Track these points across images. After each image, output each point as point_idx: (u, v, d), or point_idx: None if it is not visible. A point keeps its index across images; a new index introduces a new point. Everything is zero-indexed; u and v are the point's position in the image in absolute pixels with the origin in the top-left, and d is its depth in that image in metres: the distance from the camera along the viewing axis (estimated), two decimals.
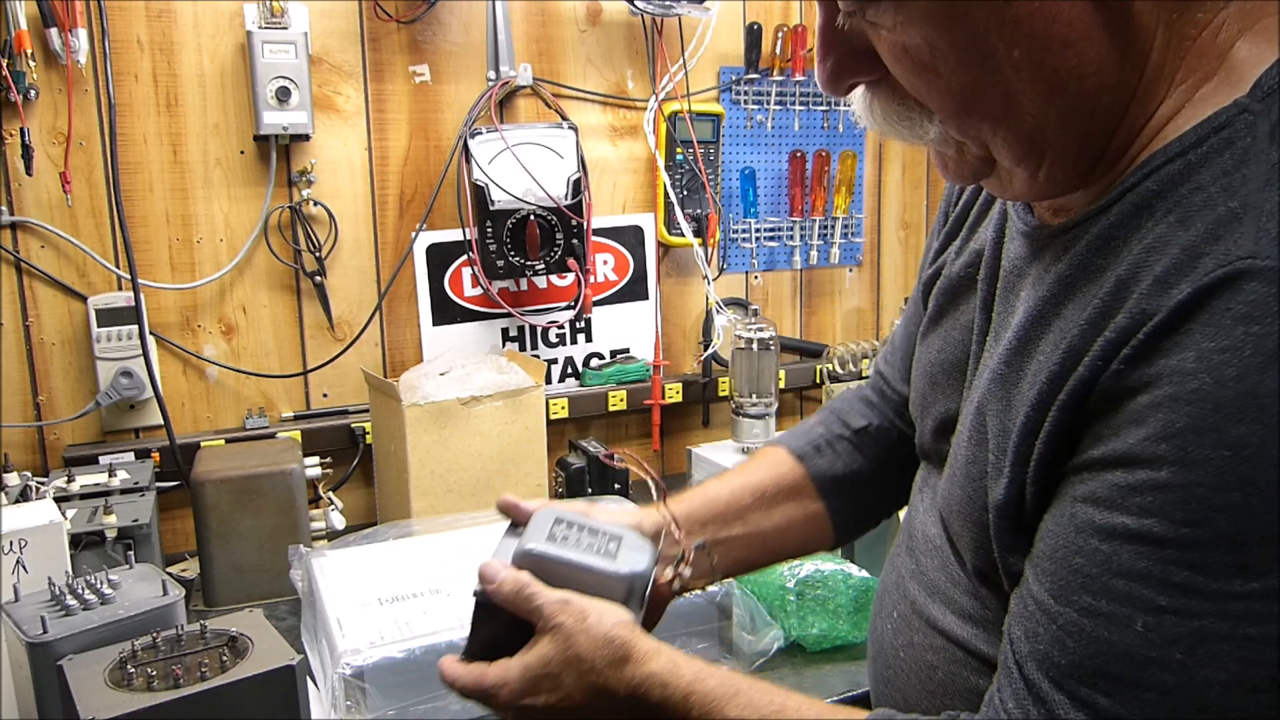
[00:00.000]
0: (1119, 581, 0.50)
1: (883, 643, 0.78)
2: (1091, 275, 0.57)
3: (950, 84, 0.56)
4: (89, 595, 0.98)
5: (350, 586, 1.20)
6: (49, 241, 1.52)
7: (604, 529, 0.77)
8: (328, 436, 1.68)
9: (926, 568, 0.73)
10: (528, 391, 1.55)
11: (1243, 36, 0.54)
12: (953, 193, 0.84)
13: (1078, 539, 0.52)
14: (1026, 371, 0.60)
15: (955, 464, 0.67)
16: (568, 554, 0.74)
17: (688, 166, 1.87)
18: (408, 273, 1.74)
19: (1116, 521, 0.50)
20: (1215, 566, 0.47)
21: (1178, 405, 0.47)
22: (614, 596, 0.72)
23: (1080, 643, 0.51)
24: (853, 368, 1.94)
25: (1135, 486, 0.49)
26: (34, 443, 1.56)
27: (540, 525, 0.77)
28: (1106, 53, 0.54)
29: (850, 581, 1.25)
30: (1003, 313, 0.67)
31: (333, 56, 1.64)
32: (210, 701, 0.85)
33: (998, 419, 0.61)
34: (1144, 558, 0.49)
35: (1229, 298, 0.47)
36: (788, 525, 0.90)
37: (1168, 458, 0.48)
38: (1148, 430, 0.49)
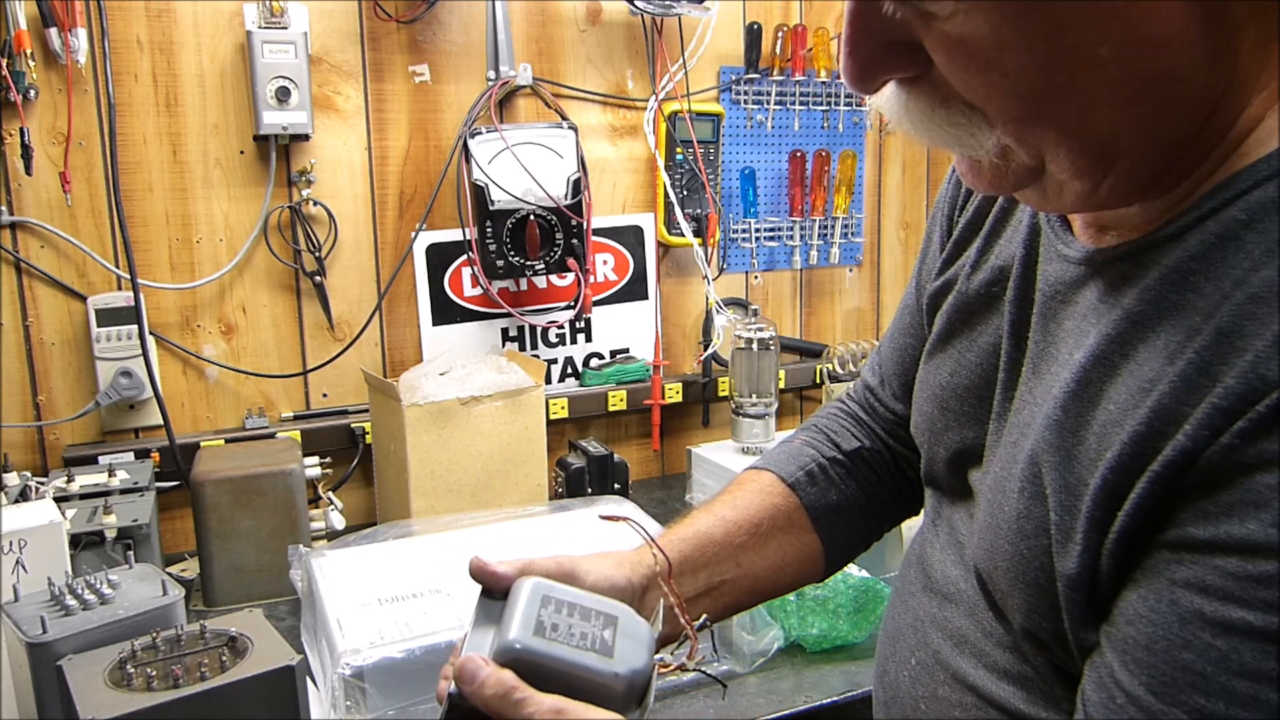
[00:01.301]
0: (1241, 683, 0.44)
1: (898, 690, 0.72)
2: (1170, 315, 0.50)
3: (1017, 85, 0.49)
4: (89, 595, 0.98)
5: (350, 586, 1.20)
6: (49, 241, 1.52)
7: (596, 607, 0.68)
8: (328, 436, 1.68)
9: (950, 615, 0.68)
10: (528, 391, 1.55)
11: None
12: (956, 197, 0.79)
13: (1185, 632, 0.46)
14: (1094, 421, 0.53)
15: (999, 514, 0.60)
16: (558, 652, 0.64)
17: (688, 166, 1.87)
18: (407, 273, 1.74)
19: (1235, 615, 0.45)
20: None
21: None
22: (612, 700, 0.64)
23: None
24: (853, 368, 1.94)
25: (1259, 578, 0.44)
26: (34, 443, 1.56)
27: (524, 607, 0.66)
28: (1199, 53, 0.48)
29: (850, 581, 1.24)
30: (1042, 342, 0.62)
31: (333, 56, 1.64)
32: (210, 702, 0.85)
33: (1058, 473, 0.55)
34: (1271, 657, 0.43)
35: None
36: (781, 563, 0.85)
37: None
38: (1273, 515, 0.43)
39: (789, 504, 0.86)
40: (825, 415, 0.94)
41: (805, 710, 1.14)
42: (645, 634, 0.68)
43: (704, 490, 1.62)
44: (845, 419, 0.92)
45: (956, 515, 0.72)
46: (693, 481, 1.66)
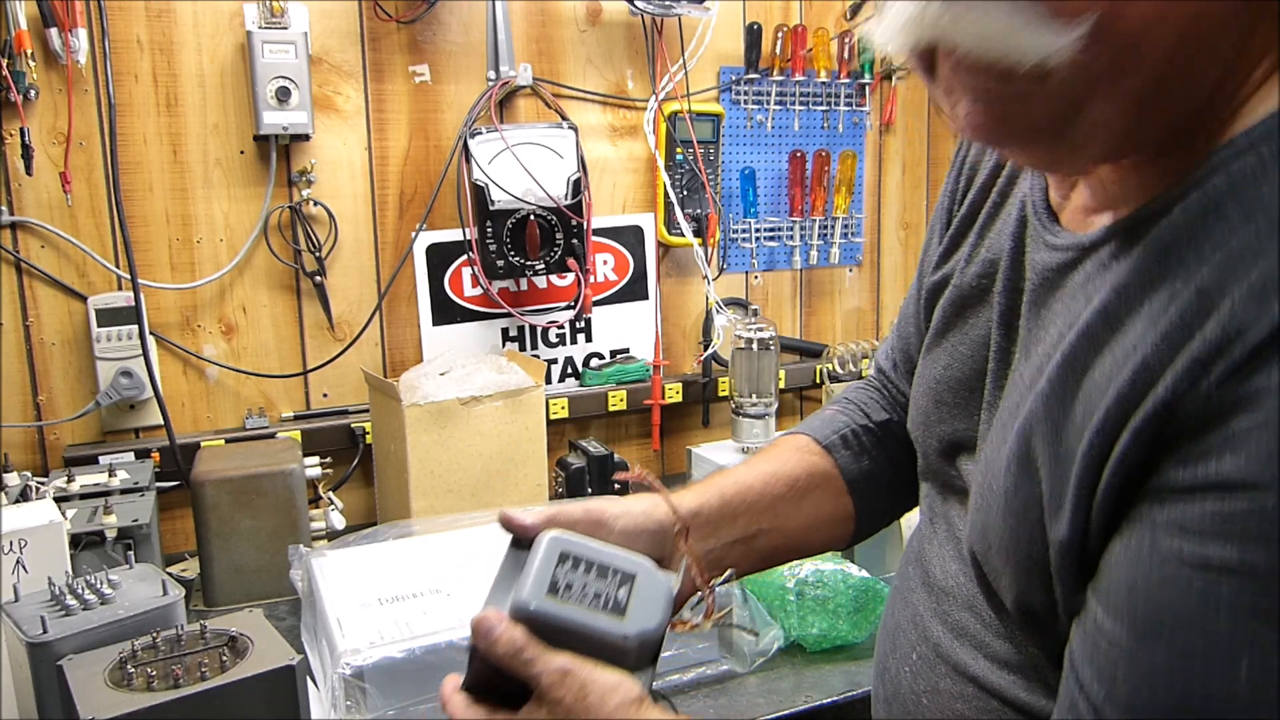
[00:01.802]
0: (1220, 619, 0.45)
1: (899, 686, 0.73)
2: (1156, 285, 0.51)
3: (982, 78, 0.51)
4: (89, 595, 0.98)
5: (350, 586, 1.20)
6: (49, 241, 1.52)
7: (615, 564, 0.68)
8: (328, 436, 1.68)
9: (949, 609, 0.69)
10: (528, 391, 1.55)
11: None
12: (955, 191, 0.80)
13: (1164, 570, 0.47)
14: (1080, 394, 0.54)
15: (989, 495, 0.61)
16: (569, 613, 0.65)
17: (688, 166, 1.87)
18: (408, 273, 1.74)
19: (1213, 554, 0.46)
20: None
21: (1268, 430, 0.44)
22: (623, 660, 0.65)
23: (1172, 687, 0.47)
24: (853, 368, 1.94)
25: (1234, 515, 0.45)
26: (34, 443, 1.56)
27: (542, 565, 0.67)
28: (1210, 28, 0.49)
29: (850, 581, 1.25)
30: (1033, 329, 0.63)
31: (333, 56, 1.64)
32: (210, 701, 0.85)
33: (1049, 446, 0.56)
34: (1247, 592, 0.44)
35: None
36: (816, 520, 0.85)
37: (1274, 483, 0.44)
38: (1250, 454, 0.44)
39: (825, 464, 0.87)
40: (854, 390, 0.95)
41: (805, 710, 1.14)
42: (662, 593, 0.68)
43: None
44: (873, 392, 0.94)
45: (952, 510, 0.72)
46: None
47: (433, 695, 1.06)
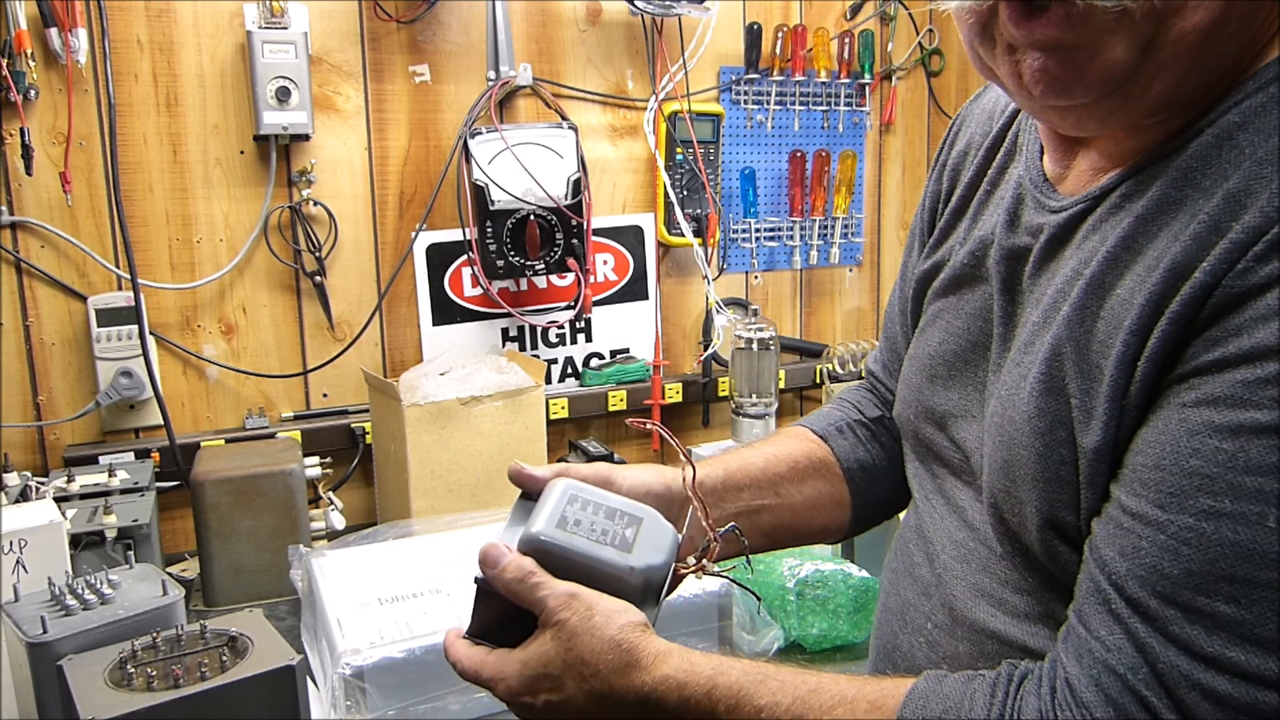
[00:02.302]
0: (1248, 478, 0.46)
1: (913, 661, 0.73)
2: (1178, 207, 0.54)
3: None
4: (89, 595, 0.98)
5: (350, 586, 1.20)
6: (49, 241, 1.52)
7: (623, 508, 0.70)
8: (328, 436, 1.68)
9: (961, 574, 0.70)
10: (528, 391, 1.55)
11: None
12: (939, 192, 0.82)
13: (1192, 442, 0.49)
14: (1104, 310, 0.56)
15: (1010, 428, 0.62)
16: (577, 544, 0.67)
17: (688, 166, 1.87)
18: (408, 273, 1.74)
19: (1243, 417, 0.47)
20: None
21: None
22: (627, 593, 0.66)
23: (1199, 549, 0.48)
24: (853, 368, 1.95)
25: (1264, 379, 0.47)
26: (34, 443, 1.56)
27: (552, 504, 0.69)
28: None
29: (850, 581, 1.25)
30: (1040, 283, 0.65)
31: (333, 56, 1.64)
32: (210, 701, 0.85)
33: (1076, 363, 0.57)
34: (1276, 450, 0.46)
35: None
36: (816, 502, 0.87)
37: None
38: (1278, 323, 0.47)
39: (822, 451, 0.89)
40: (848, 391, 0.98)
41: None
42: (668, 537, 0.70)
43: None
44: (866, 393, 0.96)
45: (946, 483, 0.74)
46: None
47: (433, 695, 1.06)
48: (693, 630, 1.19)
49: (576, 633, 0.63)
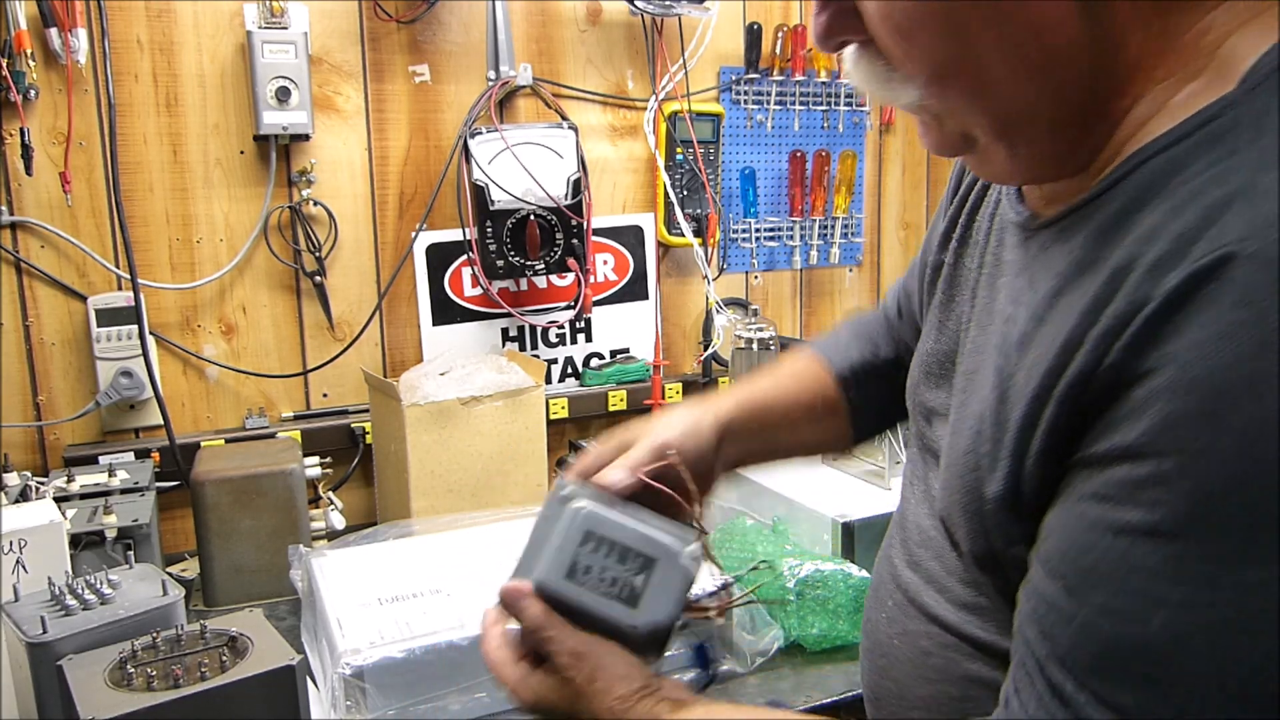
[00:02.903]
0: (1135, 578, 0.48)
1: (877, 634, 0.78)
2: (1088, 270, 0.55)
3: (925, 54, 0.56)
4: (89, 595, 0.98)
5: (350, 586, 1.20)
6: (49, 241, 1.52)
7: (638, 546, 0.70)
8: (328, 436, 1.68)
9: (921, 558, 0.73)
10: (528, 391, 1.55)
11: (1239, 32, 0.53)
12: (960, 176, 0.84)
13: (1089, 536, 0.51)
14: (1022, 367, 0.59)
15: (953, 454, 0.66)
16: (584, 599, 0.69)
17: (688, 166, 1.87)
18: (408, 273, 1.74)
19: (1126, 517, 0.49)
20: (1227, 557, 0.46)
21: (1176, 394, 0.47)
22: (632, 647, 0.68)
23: (1100, 642, 0.50)
24: None
25: (1141, 481, 0.48)
26: (34, 443, 1.56)
27: (564, 543, 0.70)
28: (1080, 45, 0.54)
29: (850, 581, 1.24)
30: (987, 300, 0.68)
31: (333, 56, 1.64)
32: (210, 701, 0.85)
33: (994, 413, 0.60)
34: (1156, 553, 0.48)
35: (1220, 283, 0.46)
36: (821, 440, 0.96)
37: (1171, 449, 0.47)
38: (1148, 422, 0.48)
39: (837, 396, 0.95)
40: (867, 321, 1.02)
41: (805, 710, 1.14)
42: (678, 581, 0.70)
43: None
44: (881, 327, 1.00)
45: (930, 472, 0.77)
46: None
47: (433, 695, 1.06)
48: (694, 630, 1.19)
49: (580, 694, 0.68)
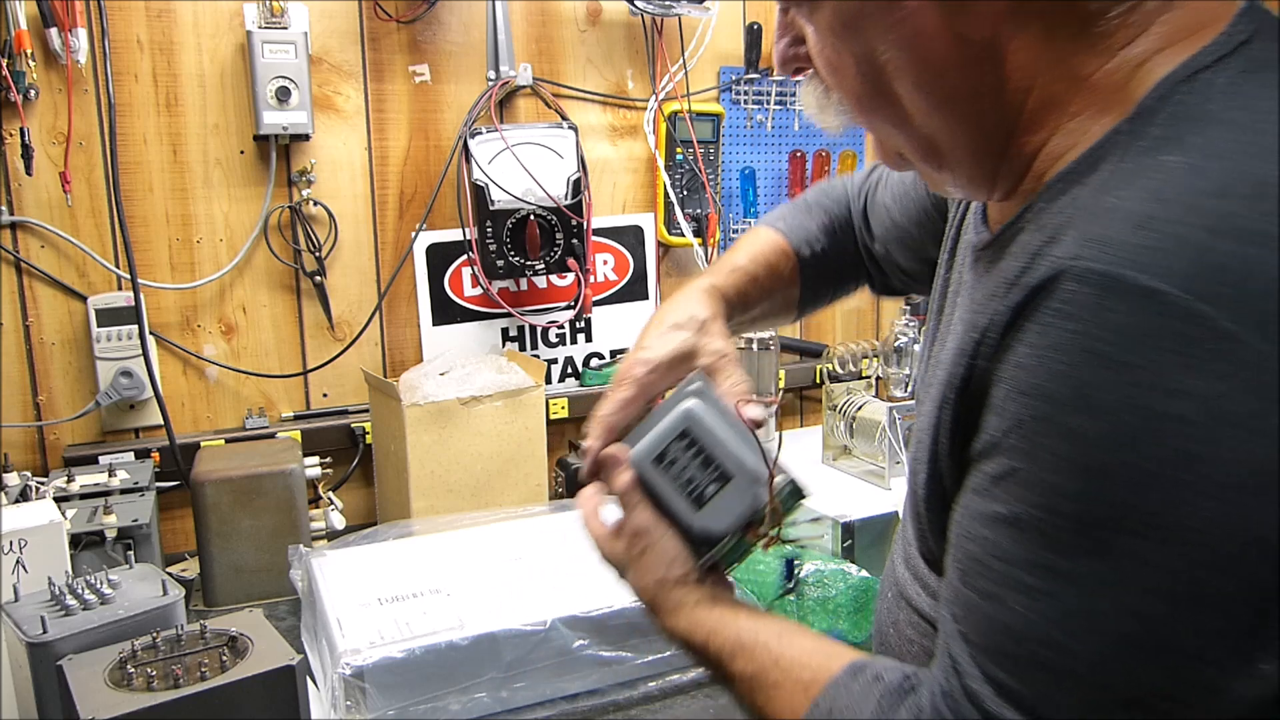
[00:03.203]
0: (998, 565, 0.53)
1: (881, 622, 0.83)
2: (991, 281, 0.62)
3: (853, 88, 0.63)
4: (89, 595, 0.98)
5: (350, 586, 1.20)
6: (49, 241, 1.52)
7: (723, 459, 0.76)
8: (328, 436, 1.68)
9: (909, 555, 0.78)
10: (528, 391, 1.55)
11: (1149, 67, 0.56)
12: None
13: (970, 526, 0.56)
14: (938, 378, 0.64)
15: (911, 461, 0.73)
16: (660, 486, 0.77)
17: (688, 166, 1.87)
18: (408, 273, 1.74)
19: (991, 509, 0.54)
20: (1066, 546, 0.50)
21: (1020, 398, 0.52)
22: (685, 541, 0.77)
23: (981, 624, 0.55)
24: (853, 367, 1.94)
25: (1000, 475, 0.54)
26: (34, 443, 1.56)
27: (663, 433, 0.78)
28: (983, 87, 0.59)
29: (850, 581, 1.25)
30: (949, 316, 0.73)
31: (333, 56, 1.64)
32: (210, 701, 0.85)
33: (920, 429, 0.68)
34: (1013, 541, 0.53)
35: (1052, 297, 0.51)
36: (772, 318, 1.05)
37: (1017, 448, 0.52)
38: (1002, 422, 0.54)
39: (793, 278, 1.04)
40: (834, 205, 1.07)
41: None
42: (745, 504, 0.76)
43: None
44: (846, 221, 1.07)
45: None
46: None
47: (433, 695, 1.06)
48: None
49: (631, 564, 0.79)
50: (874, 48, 0.60)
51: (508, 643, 1.10)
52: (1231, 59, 0.55)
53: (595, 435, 0.85)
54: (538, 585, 1.21)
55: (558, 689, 1.13)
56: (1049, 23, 0.57)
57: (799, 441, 1.73)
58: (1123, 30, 0.57)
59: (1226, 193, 0.49)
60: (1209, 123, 0.53)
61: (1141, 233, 0.49)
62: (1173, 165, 0.51)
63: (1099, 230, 0.51)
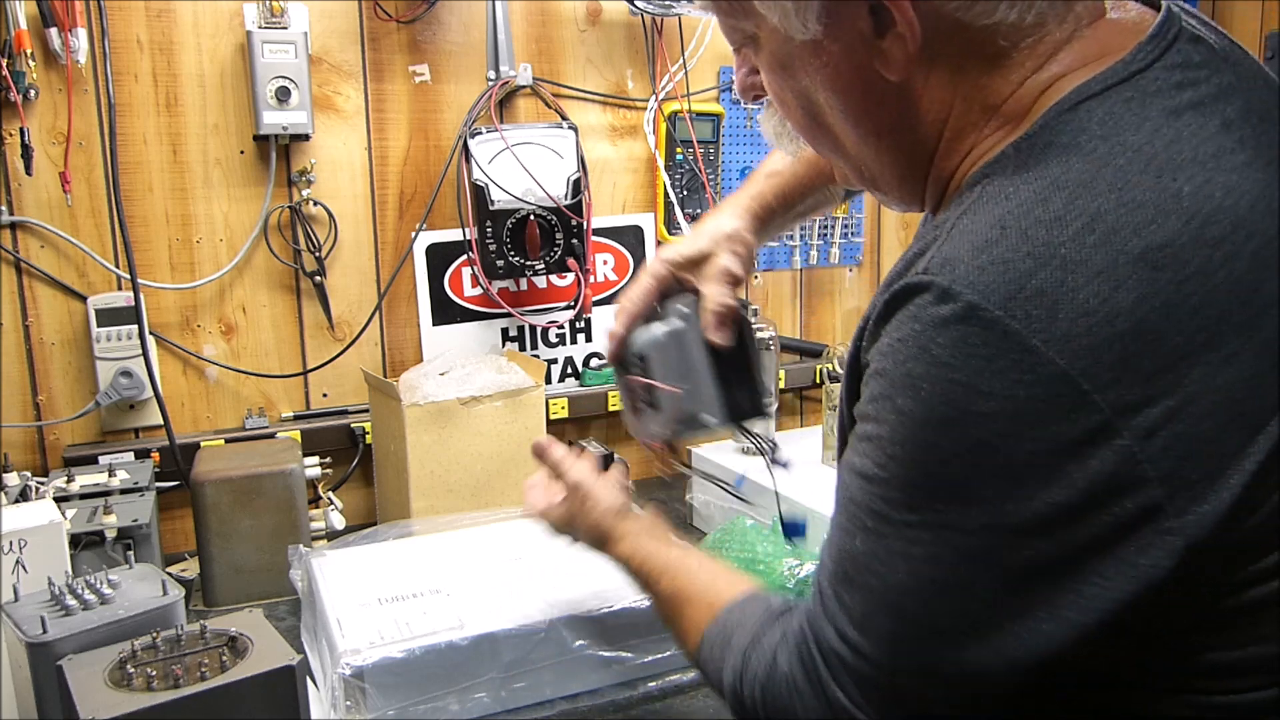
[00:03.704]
0: (851, 506, 0.65)
1: None
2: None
3: (795, 119, 0.73)
4: (89, 595, 0.98)
5: (350, 586, 1.20)
6: (49, 241, 1.52)
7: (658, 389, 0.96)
8: (328, 436, 1.68)
9: None
10: (528, 391, 1.55)
11: (1054, 91, 0.63)
12: None
13: (843, 472, 0.68)
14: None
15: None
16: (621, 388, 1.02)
17: (688, 166, 1.87)
18: (408, 273, 1.74)
19: (853, 461, 0.65)
20: (894, 501, 0.61)
21: (876, 378, 0.63)
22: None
23: (834, 551, 0.67)
24: None
25: (862, 436, 0.64)
26: (34, 443, 1.56)
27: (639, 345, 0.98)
28: (903, 120, 0.67)
29: None
30: None
31: (333, 56, 1.64)
32: (210, 701, 0.85)
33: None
34: (861, 489, 0.64)
35: (906, 301, 0.60)
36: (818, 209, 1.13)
37: (871, 415, 0.63)
38: (866, 393, 0.64)
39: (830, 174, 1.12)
40: None
41: None
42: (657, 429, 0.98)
43: (704, 490, 1.63)
44: None
45: None
46: (693, 481, 1.66)
47: (433, 695, 1.06)
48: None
49: (575, 513, 1.00)
50: (806, 86, 0.68)
51: (508, 643, 1.10)
52: (1120, 88, 0.61)
53: (619, 322, 1.00)
54: (538, 585, 1.21)
55: (558, 689, 1.13)
56: (958, 61, 0.64)
57: (799, 441, 1.73)
58: (1030, 59, 0.63)
59: (1060, 222, 0.57)
60: (1071, 153, 0.60)
61: (980, 256, 0.58)
62: (1024, 194, 0.59)
63: (949, 251, 0.60)
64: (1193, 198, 0.57)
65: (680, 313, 0.96)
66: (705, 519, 1.61)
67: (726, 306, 0.94)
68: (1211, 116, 0.60)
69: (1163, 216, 0.56)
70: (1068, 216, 0.57)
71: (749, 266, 1.02)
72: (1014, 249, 0.57)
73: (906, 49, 0.63)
